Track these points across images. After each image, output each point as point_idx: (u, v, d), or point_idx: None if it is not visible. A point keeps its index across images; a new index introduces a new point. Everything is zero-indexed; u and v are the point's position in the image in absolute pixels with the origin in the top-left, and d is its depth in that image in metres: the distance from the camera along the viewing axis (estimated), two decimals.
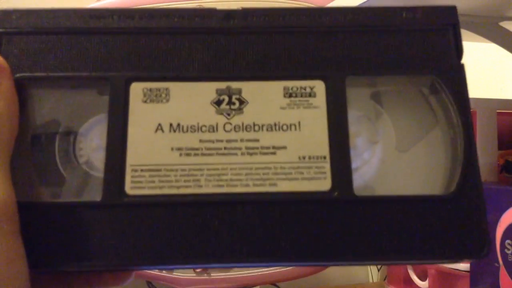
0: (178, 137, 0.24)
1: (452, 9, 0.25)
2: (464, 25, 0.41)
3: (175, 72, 0.24)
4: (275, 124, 0.24)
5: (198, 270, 0.57)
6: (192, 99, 0.24)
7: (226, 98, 0.24)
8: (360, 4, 0.37)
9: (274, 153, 0.23)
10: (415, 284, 0.49)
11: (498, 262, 0.34)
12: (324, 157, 0.23)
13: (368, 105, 0.26)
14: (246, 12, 0.25)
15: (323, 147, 0.24)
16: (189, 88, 0.24)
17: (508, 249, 0.33)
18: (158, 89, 0.24)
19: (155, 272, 0.58)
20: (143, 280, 0.66)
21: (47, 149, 0.24)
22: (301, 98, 0.24)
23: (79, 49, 0.25)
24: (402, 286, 0.52)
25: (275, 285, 0.71)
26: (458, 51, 0.25)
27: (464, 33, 0.45)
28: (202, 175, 0.23)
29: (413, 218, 0.23)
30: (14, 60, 0.24)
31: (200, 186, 0.23)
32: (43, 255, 0.22)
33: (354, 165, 0.24)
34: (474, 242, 0.22)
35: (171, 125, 0.24)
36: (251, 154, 0.23)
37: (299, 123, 0.24)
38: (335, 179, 0.23)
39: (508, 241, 0.33)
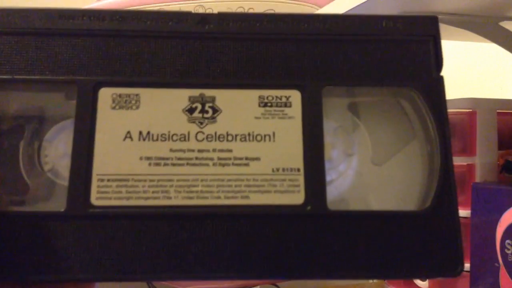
0: (147, 145, 0.23)
1: (433, 19, 0.25)
2: (464, 25, 0.41)
3: (146, 77, 0.23)
4: (249, 134, 0.23)
5: None
6: (164, 106, 0.23)
7: (199, 106, 0.23)
8: (354, 7, 0.37)
9: (247, 165, 0.23)
10: (415, 284, 0.49)
11: (498, 262, 0.34)
12: (298, 170, 0.23)
13: (345, 116, 0.25)
14: (222, 17, 0.24)
15: (297, 159, 0.23)
16: (160, 94, 0.23)
17: (508, 249, 0.33)
18: (128, 95, 0.23)
19: None
20: None
21: (11, 154, 0.23)
22: (276, 108, 0.24)
23: (47, 51, 0.24)
24: (402, 286, 0.52)
25: (275, 284, 0.71)
26: (438, 63, 0.24)
27: (464, 33, 0.44)
28: (171, 186, 0.22)
29: (387, 234, 0.22)
30: None
31: (169, 198, 0.22)
32: (4, 265, 0.21)
33: (328, 177, 0.23)
34: (448, 259, 0.22)
35: (140, 133, 0.23)
36: (223, 165, 0.23)
37: (273, 133, 0.23)
38: (308, 193, 0.22)
39: (508, 241, 0.33)
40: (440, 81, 0.24)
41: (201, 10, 0.46)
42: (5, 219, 0.22)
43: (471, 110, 0.39)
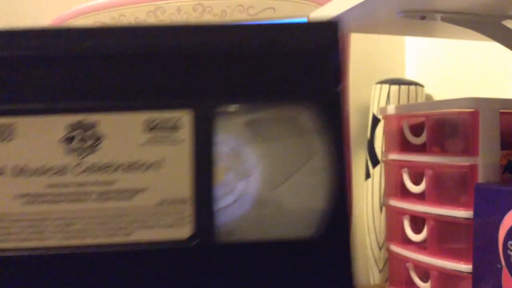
0: (22, 182, 0.21)
1: (334, 25, 0.23)
2: (466, 23, 0.41)
3: (20, 104, 0.22)
4: (133, 164, 0.22)
5: None
6: (40, 136, 0.22)
7: (78, 135, 0.22)
8: (355, 5, 0.35)
9: (130, 198, 0.21)
10: (416, 286, 0.48)
11: (500, 264, 0.34)
12: (186, 200, 0.21)
13: (241, 135, 0.23)
14: (104, 31, 0.22)
15: (185, 189, 0.22)
16: (36, 123, 0.22)
17: (511, 250, 0.33)
18: (1, 126, 0.21)
19: None
20: None
21: None
22: (164, 133, 0.22)
23: None
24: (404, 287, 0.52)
25: None
26: (336, 76, 0.23)
27: (467, 31, 0.43)
28: (47, 225, 0.21)
29: (279, 263, 0.21)
30: None
31: (45, 239, 0.21)
32: None
33: (222, 203, 0.22)
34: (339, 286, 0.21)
35: (14, 168, 0.21)
36: (104, 199, 0.21)
37: (161, 161, 0.22)
38: (197, 225, 0.21)
39: (510, 242, 0.33)
40: (337, 97, 0.22)
41: (200, 9, 0.44)
42: None
43: (473, 110, 0.38)
